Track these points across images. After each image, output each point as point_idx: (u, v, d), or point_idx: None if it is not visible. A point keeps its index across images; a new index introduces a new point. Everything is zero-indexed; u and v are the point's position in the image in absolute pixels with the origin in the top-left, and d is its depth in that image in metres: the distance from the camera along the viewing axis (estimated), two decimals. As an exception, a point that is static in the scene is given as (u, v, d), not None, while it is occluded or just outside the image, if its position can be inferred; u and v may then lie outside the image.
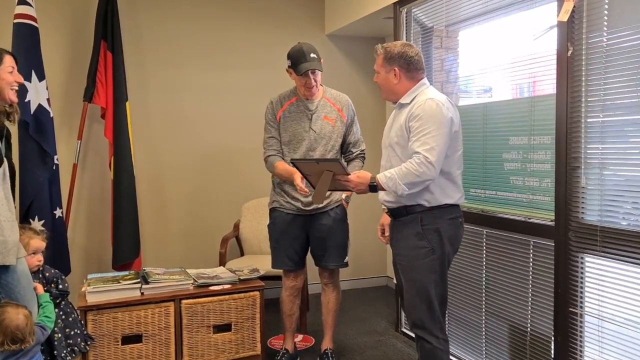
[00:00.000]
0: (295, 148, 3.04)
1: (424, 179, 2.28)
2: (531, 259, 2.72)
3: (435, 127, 2.29)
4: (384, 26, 4.32)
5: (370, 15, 4.00)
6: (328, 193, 2.94)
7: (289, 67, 2.99)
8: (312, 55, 2.92)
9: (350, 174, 2.45)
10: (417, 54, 2.47)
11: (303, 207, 3.06)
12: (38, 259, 2.67)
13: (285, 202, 3.10)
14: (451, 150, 2.38)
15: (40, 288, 2.50)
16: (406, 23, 3.64)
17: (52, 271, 2.72)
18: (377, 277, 4.99)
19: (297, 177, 2.78)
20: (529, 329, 2.75)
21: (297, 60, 2.92)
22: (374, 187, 2.40)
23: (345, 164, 2.64)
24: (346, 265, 3.19)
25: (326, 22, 4.69)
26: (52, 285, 2.67)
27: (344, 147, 3.16)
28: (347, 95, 3.16)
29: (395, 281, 3.76)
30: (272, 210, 3.19)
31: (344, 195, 3.15)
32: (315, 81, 2.97)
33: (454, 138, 2.38)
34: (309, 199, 2.98)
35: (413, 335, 3.48)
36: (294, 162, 2.63)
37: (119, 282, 2.92)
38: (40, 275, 2.66)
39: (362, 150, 3.18)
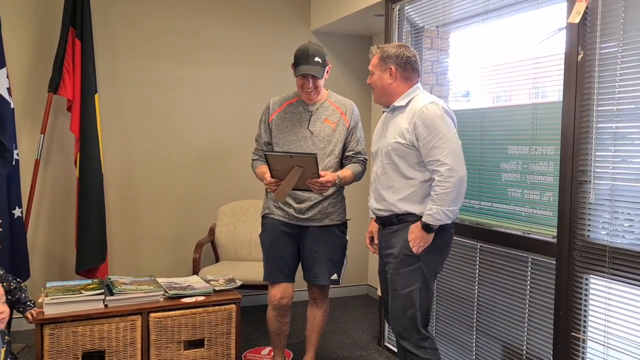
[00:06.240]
0: (291, 150, 2.81)
1: (456, 188, 2.20)
2: (529, 277, 2.55)
3: (446, 129, 2.24)
4: (372, 24, 4.13)
5: (360, 12, 3.81)
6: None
7: (292, 64, 2.80)
8: (316, 59, 2.70)
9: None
10: (414, 55, 2.42)
11: (296, 214, 2.83)
12: None
13: (276, 209, 2.88)
14: None
15: None
16: (398, 21, 3.45)
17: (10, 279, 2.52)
18: (357, 285, 4.79)
19: (268, 174, 2.65)
20: (524, 352, 2.58)
21: (299, 61, 2.73)
22: (429, 228, 2.25)
23: (317, 161, 2.48)
24: (334, 282, 2.92)
25: (312, 18, 4.46)
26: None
27: (345, 155, 2.89)
28: (352, 101, 2.95)
29: (379, 293, 3.57)
30: (264, 218, 2.96)
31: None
32: (315, 87, 2.77)
33: None
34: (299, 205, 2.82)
35: (396, 351, 3.31)
36: (265, 155, 2.52)
37: (81, 293, 2.65)
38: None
39: (365, 159, 2.93)
